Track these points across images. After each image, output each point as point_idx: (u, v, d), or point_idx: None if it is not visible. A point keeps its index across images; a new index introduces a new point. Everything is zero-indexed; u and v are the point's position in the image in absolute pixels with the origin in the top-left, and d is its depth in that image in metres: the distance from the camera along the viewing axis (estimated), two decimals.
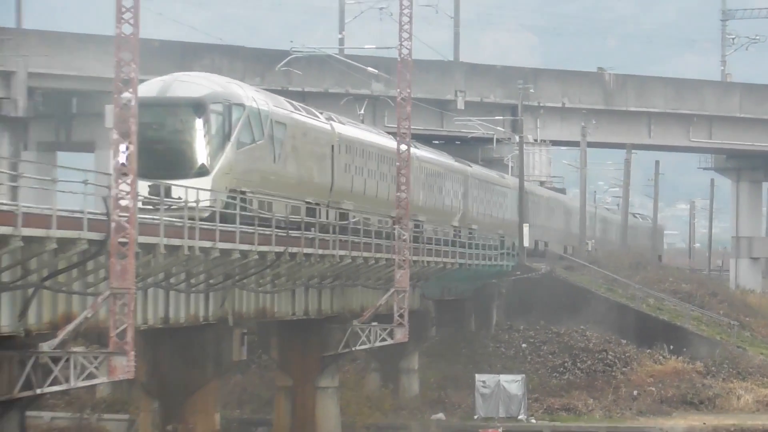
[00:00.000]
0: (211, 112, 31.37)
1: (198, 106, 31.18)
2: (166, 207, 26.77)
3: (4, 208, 22.41)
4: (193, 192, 27.97)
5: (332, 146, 42.62)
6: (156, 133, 30.76)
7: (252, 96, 34.64)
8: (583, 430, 55.20)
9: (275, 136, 36.05)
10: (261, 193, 33.84)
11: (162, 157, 30.25)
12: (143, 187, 26.45)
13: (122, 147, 24.97)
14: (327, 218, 41.05)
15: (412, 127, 47.15)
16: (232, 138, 31.93)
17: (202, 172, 30.33)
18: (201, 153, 30.81)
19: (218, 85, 33.31)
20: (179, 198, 27.85)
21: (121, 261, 25.26)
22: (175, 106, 31.40)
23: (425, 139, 68.72)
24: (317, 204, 40.02)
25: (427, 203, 56.44)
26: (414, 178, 52.90)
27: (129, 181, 25.49)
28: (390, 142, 50.15)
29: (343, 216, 42.63)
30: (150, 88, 31.78)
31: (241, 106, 32.91)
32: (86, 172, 25.61)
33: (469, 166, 68.98)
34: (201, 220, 27.37)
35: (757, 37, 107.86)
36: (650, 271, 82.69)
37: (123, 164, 25.25)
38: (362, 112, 63.36)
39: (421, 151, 57.91)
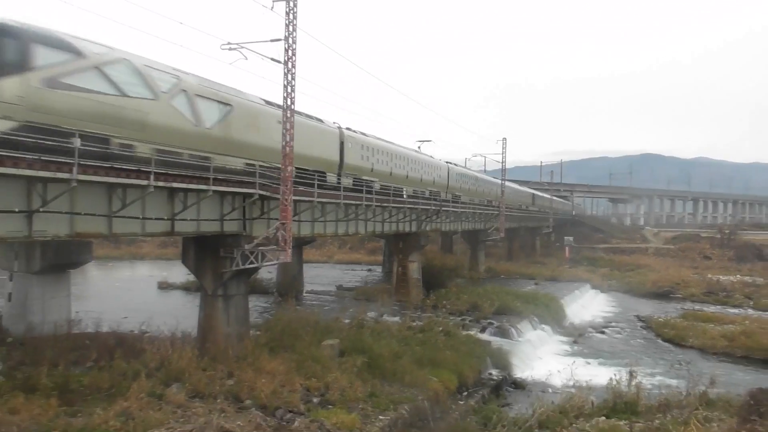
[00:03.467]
0: None
1: None
2: None
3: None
4: None
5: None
6: None
7: (122, 55, 28.29)
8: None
9: (199, 108, 31.89)
10: (169, 146, 29.44)
11: None
12: None
13: None
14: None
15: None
16: (34, 70, 24.50)
17: None
18: None
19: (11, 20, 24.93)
20: None
21: (284, 208, 33.38)
22: None
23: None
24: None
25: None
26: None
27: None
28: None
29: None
30: None
31: (79, 55, 26.04)
32: None
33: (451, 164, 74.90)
34: None
35: None
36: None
37: None
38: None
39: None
